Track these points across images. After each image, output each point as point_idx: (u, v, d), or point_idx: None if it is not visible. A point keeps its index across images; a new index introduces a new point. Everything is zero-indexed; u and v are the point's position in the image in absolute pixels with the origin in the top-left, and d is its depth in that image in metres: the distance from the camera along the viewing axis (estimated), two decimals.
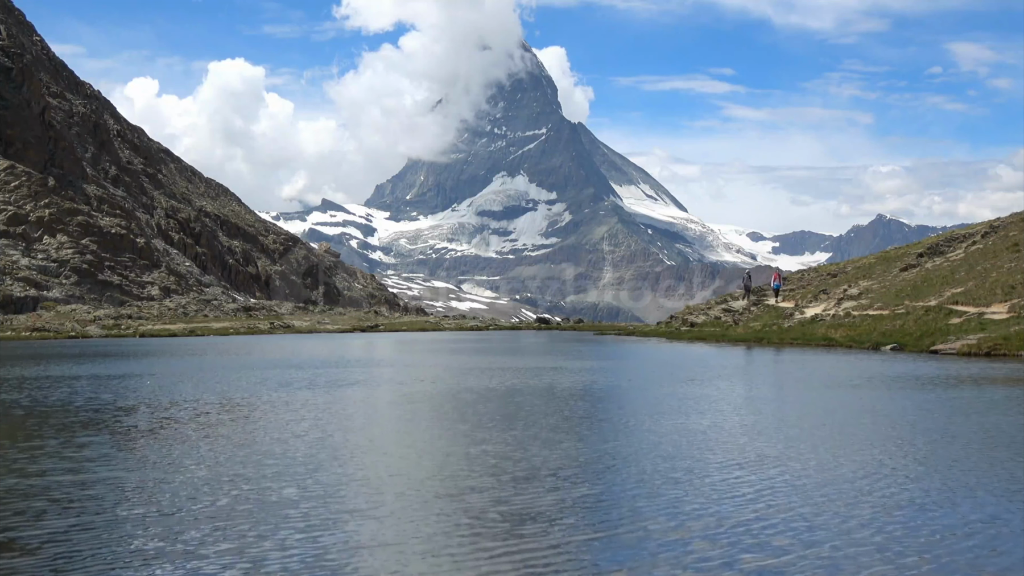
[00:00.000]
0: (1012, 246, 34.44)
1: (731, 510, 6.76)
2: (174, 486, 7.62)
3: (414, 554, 5.73)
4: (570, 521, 6.48)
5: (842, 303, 35.50)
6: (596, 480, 7.85)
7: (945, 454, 9.09)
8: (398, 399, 14.89)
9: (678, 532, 6.15)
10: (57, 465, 8.51)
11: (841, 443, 9.75)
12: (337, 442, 10.03)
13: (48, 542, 5.93)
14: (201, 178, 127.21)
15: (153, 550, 5.78)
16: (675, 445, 9.65)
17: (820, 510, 6.75)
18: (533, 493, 7.30)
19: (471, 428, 11.03)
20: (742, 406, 13.54)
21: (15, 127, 76.98)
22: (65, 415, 12.30)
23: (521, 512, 6.70)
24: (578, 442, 9.88)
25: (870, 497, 7.16)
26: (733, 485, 7.62)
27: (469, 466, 8.52)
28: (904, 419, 11.66)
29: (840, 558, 5.58)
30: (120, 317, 54.65)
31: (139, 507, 6.88)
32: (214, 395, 14.98)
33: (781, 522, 6.40)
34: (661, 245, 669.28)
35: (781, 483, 7.70)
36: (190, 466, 8.52)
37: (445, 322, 67.53)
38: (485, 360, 24.63)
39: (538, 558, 5.62)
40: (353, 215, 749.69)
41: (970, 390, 14.85)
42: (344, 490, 7.49)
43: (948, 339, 24.90)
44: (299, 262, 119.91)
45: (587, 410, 13.12)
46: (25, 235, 67.66)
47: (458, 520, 6.51)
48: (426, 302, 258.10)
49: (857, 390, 15.36)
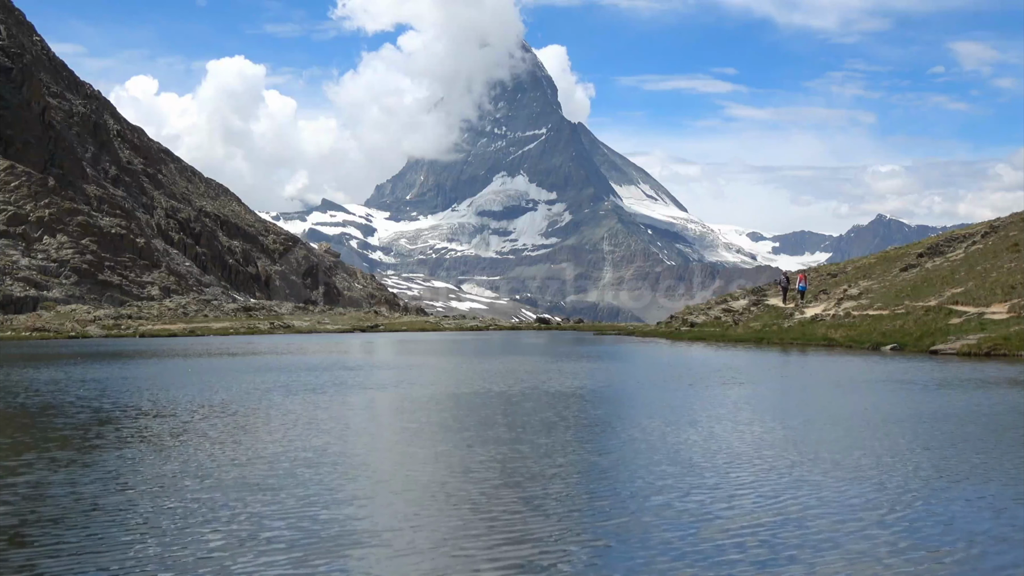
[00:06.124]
0: (1012, 246, 34.42)
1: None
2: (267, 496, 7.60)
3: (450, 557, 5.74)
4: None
5: (842, 303, 35.48)
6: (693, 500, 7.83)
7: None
8: (423, 407, 14.88)
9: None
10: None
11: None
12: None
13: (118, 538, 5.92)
14: (201, 178, 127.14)
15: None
16: (759, 454, 9.63)
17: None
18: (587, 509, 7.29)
19: (510, 434, 11.02)
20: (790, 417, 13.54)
21: (15, 127, 76.97)
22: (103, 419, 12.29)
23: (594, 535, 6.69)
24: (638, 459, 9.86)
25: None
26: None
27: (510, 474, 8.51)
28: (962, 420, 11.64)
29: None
30: (120, 317, 54.63)
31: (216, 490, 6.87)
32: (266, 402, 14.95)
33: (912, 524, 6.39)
34: (661, 245, 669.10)
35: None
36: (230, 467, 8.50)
37: (445, 322, 67.50)
38: (502, 362, 24.61)
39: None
40: (353, 215, 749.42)
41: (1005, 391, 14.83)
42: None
43: (948, 339, 24.88)
44: (299, 262, 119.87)
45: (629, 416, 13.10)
46: (25, 235, 67.63)
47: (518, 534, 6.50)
48: (426, 302, 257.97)
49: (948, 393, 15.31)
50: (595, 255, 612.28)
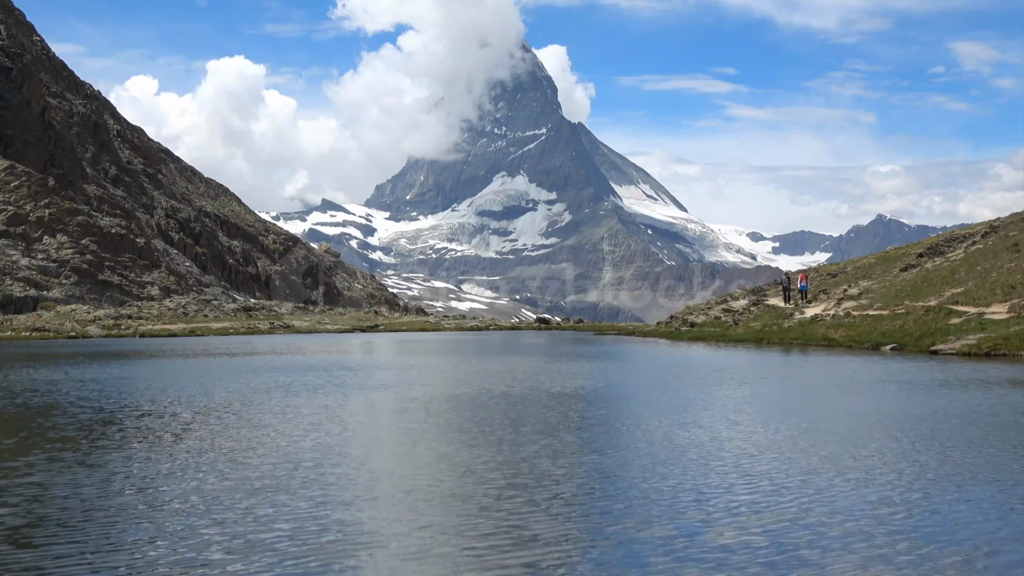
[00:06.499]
0: (1012, 246, 34.42)
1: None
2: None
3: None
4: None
5: (842, 303, 35.49)
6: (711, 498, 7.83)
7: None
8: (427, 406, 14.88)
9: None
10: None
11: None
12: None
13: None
14: (201, 178, 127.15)
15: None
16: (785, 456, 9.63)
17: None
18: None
19: (514, 435, 11.02)
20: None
21: (15, 127, 76.97)
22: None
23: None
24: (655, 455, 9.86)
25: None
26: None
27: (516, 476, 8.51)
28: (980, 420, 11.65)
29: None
30: (120, 317, 54.64)
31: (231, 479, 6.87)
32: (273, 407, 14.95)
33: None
34: (661, 245, 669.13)
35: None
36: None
37: (445, 322, 67.51)
38: (502, 363, 24.61)
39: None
40: (353, 215, 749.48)
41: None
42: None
43: (948, 339, 24.87)
44: (299, 262, 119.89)
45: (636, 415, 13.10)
46: (25, 235, 67.64)
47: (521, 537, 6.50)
48: (426, 302, 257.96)
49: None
50: (595, 255, 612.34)
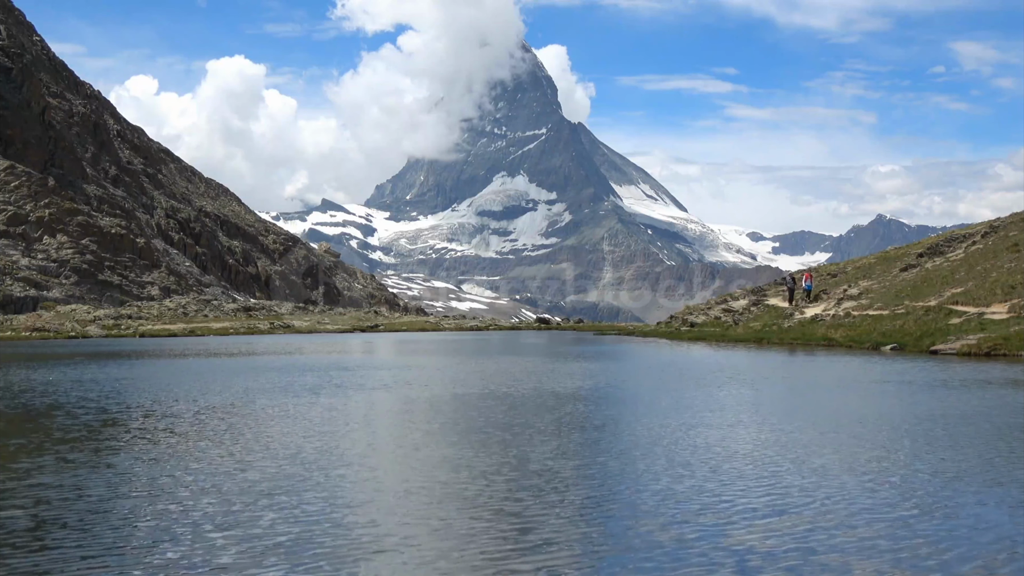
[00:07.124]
0: (1012, 246, 34.42)
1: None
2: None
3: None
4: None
5: (842, 303, 35.49)
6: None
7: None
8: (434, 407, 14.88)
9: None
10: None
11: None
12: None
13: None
14: (201, 178, 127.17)
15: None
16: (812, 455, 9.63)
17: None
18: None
19: (516, 438, 11.02)
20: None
21: (15, 127, 76.97)
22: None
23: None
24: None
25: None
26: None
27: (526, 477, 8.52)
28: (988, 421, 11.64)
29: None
30: (120, 317, 54.63)
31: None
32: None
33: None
34: (661, 245, 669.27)
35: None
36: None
37: (445, 322, 67.50)
38: (502, 363, 24.62)
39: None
40: (353, 215, 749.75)
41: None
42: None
43: (948, 339, 24.87)
44: (299, 262, 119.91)
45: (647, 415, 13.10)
46: (25, 235, 67.65)
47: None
48: (426, 302, 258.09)
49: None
50: (595, 255, 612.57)
